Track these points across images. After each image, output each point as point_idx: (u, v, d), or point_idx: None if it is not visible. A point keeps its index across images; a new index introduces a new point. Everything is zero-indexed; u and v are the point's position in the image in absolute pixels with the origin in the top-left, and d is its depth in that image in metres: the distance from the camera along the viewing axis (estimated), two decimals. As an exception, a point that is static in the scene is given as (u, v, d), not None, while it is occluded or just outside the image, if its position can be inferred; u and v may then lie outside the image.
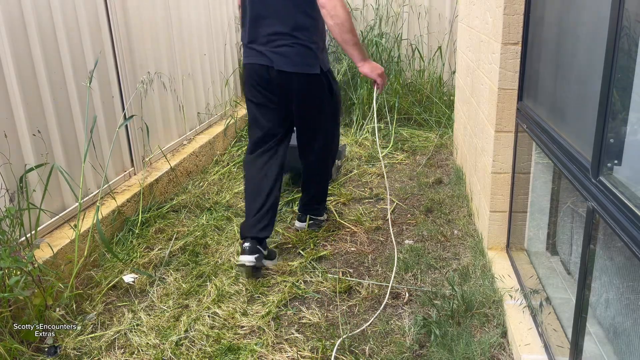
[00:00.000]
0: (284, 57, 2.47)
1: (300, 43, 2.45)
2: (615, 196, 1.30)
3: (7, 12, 2.30)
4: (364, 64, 2.55)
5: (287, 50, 2.46)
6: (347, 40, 2.42)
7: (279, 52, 2.47)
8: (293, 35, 2.45)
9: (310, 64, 2.49)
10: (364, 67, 2.56)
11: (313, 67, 2.50)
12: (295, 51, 2.46)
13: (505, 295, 2.18)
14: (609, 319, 1.72)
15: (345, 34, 2.39)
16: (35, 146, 2.45)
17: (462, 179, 3.52)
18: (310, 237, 2.93)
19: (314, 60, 2.50)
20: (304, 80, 2.51)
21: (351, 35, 2.40)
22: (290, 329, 2.18)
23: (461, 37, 3.84)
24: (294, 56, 2.46)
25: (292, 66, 2.47)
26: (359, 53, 2.50)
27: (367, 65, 2.56)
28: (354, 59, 2.53)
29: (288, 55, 2.46)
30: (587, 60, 1.60)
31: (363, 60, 2.54)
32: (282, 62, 2.47)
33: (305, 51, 2.47)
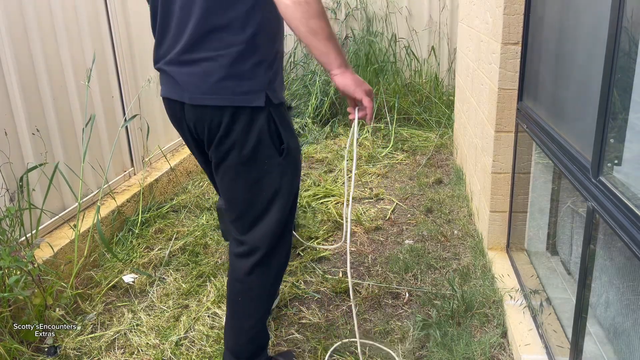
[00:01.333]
0: (197, 81, 1.48)
1: (226, 54, 1.45)
2: (615, 196, 1.30)
3: (7, 13, 2.30)
4: (344, 72, 1.45)
5: (203, 69, 1.47)
6: (315, 30, 1.37)
7: (192, 74, 1.49)
8: (215, 42, 1.45)
9: (245, 90, 1.47)
10: (346, 77, 1.46)
11: (251, 95, 1.48)
12: (216, 68, 1.46)
13: (505, 295, 2.18)
14: (609, 319, 1.72)
15: (313, 19, 1.35)
16: (35, 146, 2.45)
17: (462, 179, 3.52)
18: (310, 237, 2.93)
19: (253, 84, 1.48)
20: (231, 119, 1.49)
21: (322, 21, 1.37)
22: (290, 329, 2.18)
23: (461, 37, 3.84)
24: (213, 78, 1.46)
25: (210, 95, 1.48)
26: (335, 53, 1.42)
27: (349, 75, 1.46)
28: (327, 62, 1.44)
29: (204, 75, 1.47)
30: (587, 60, 1.60)
31: (345, 66, 1.45)
32: (195, 89, 1.49)
33: (236, 68, 1.46)
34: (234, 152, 1.53)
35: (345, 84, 1.46)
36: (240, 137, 1.51)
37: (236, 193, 1.61)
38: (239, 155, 1.54)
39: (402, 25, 5.30)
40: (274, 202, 1.61)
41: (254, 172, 1.57)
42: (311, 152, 4.30)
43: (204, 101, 1.48)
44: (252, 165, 1.55)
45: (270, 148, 1.55)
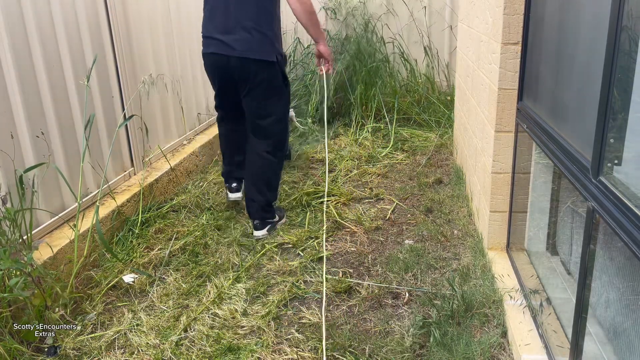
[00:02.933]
0: (243, 44, 2.72)
1: (258, 30, 2.72)
2: (615, 196, 1.30)
3: (7, 13, 2.30)
4: (323, 42, 2.98)
5: (246, 37, 2.72)
6: (312, 22, 2.82)
7: (239, 40, 2.72)
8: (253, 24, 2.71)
9: (269, 51, 2.75)
10: (324, 45, 2.98)
11: (269, 55, 2.75)
12: (254, 39, 2.71)
13: (505, 295, 2.18)
14: (609, 319, 1.72)
15: (311, 15, 2.80)
16: (35, 146, 2.45)
17: (462, 179, 3.52)
18: (310, 237, 2.93)
19: (272, 50, 2.76)
20: (260, 67, 2.76)
21: (315, 16, 2.83)
22: (290, 329, 2.18)
23: (461, 37, 3.84)
24: (253, 44, 2.72)
25: (251, 53, 2.73)
26: (321, 33, 2.92)
27: (324, 44, 2.99)
28: (316, 37, 2.91)
29: (248, 42, 2.71)
30: (587, 60, 1.60)
31: (323, 40, 2.98)
32: (241, 49, 2.72)
33: (262, 39, 2.73)
34: (264, 83, 2.81)
35: (324, 51, 3.03)
36: (267, 75, 2.81)
37: (266, 108, 2.89)
38: (267, 85, 2.82)
39: (400, 25, 5.30)
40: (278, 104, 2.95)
41: (274, 94, 2.88)
42: (311, 152, 4.30)
43: (247, 55, 2.73)
44: (273, 90, 2.86)
45: (280, 81, 2.87)
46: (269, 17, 2.71)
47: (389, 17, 5.31)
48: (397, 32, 5.31)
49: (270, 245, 2.84)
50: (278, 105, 2.90)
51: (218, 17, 2.73)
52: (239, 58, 2.70)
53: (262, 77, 2.75)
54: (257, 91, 2.80)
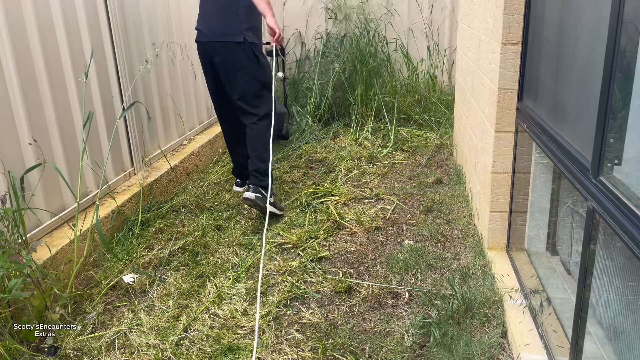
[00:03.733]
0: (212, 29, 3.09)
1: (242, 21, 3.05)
2: (615, 196, 1.30)
3: (7, 13, 2.30)
4: (272, 17, 3.05)
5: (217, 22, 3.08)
6: (264, 4, 3.02)
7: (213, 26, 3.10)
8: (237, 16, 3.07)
9: (234, 32, 3.03)
10: (273, 21, 3.05)
11: (237, 37, 3.02)
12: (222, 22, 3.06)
13: (505, 295, 2.18)
14: (609, 319, 1.72)
15: (263, 2, 3.02)
16: (35, 147, 2.45)
17: (462, 179, 3.52)
18: (310, 237, 2.93)
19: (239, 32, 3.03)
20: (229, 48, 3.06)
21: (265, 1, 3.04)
22: (290, 329, 2.18)
23: (461, 37, 3.84)
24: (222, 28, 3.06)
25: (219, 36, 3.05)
26: (270, 10, 3.05)
27: (274, 19, 3.06)
28: (264, 12, 3.03)
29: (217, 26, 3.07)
30: (587, 60, 1.60)
31: (272, 16, 3.05)
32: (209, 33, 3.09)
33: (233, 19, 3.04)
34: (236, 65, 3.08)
35: (272, 24, 3.07)
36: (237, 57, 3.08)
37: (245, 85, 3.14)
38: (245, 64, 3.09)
39: (398, 25, 5.30)
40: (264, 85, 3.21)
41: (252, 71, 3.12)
42: (311, 152, 4.30)
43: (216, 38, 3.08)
44: (246, 70, 3.10)
45: (253, 60, 3.11)
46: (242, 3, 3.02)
47: (390, 16, 5.30)
48: (398, 31, 5.30)
49: (270, 245, 2.84)
50: (254, 82, 3.12)
51: (204, 8, 3.16)
52: (211, 42, 3.07)
53: (231, 59, 3.05)
54: (231, 74, 3.09)
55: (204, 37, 3.11)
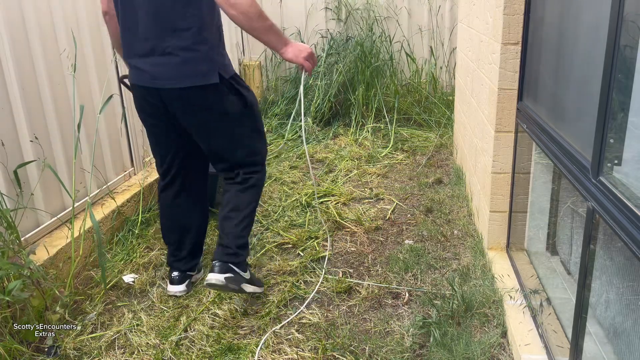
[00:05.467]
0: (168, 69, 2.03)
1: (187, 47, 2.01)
2: (615, 196, 1.30)
3: (7, 14, 2.30)
4: (287, 48, 2.07)
5: (170, 60, 2.02)
6: (259, 29, 1.95)
7: (161, 64, 2.03)
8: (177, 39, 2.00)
9: (204, 72, 2.05)
10: (287, 52, 2.08)
11: (209, 76, 2.05)
12: (182, 59, 2.01)
13: (505, 295, 2.18)
14: (609, 319, 1.72)
15: (255, 22, 1.91)
16: (34, 146, 2.45)
17: (462, 179, 3.52)
18: (310, 237, 2.93)
19: (210, 67, 2.05)
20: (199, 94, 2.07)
21: (261, 21, 1.93)
22: (290, 328, 2.18)
23: (461, 37, 3.84)
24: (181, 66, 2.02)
25: (182, 80, 2.04)
26: (276, 39, 2.03)
27: (291, 49, 2.08)
28: (273, 47, 2.06)
29: (173, 65, 2.02)
30: (587, 60, 1.60)
31: (284, 45, 2.06)
32: (166, 75, 2.04)
33: (196, 56, 2.02)
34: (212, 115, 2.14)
35: (290, 58, 2.09)
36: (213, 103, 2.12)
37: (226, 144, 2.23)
38: (228, 113, 2.15)
39: (401, 25, 5.30)
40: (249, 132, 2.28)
41: (238, 120, 2.19)
42: (311, 152, 4.30)
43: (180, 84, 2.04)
44: (228, 119, 2.17)
45: (237, 103, 2.16)
46: (198, 23, 2.00)
47: (395, 16, 5.30)
48: (402, 31, 5.30)
49: (270, 245, 2.84)
50: (242, 133, 2.23)
51: (132, 31, 2.05)
52: (167, 90, 2.06)
53: (206, 106, 2.10)
54: (203, 131, 2.18)
55: (147, 80, 2.07)
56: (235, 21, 1.90)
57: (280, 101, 5.21)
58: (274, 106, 5.20)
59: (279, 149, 3.10)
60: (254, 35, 1.97)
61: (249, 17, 1.88)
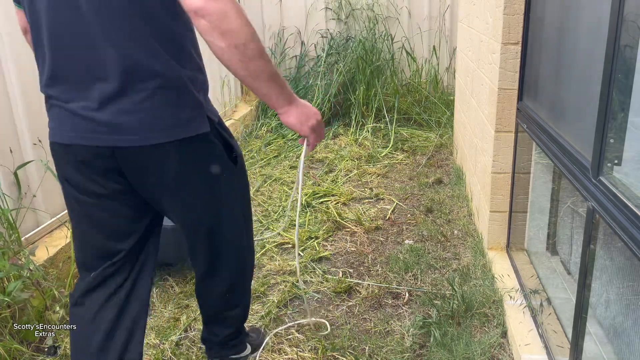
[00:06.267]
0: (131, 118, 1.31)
1: (161, 85, 1.31)
2: (615, 196, 1.30)
3: (8, 14, 2.30)
4: (290, 109, 1.42)
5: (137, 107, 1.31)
6: (257, 72, 1.28)
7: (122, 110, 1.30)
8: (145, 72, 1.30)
9: (189, 118, 1.37)
10: (290, 115, 1.42)
11: (195, 123, 1.39)
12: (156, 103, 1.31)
13: (505, 295, 2.18)
14: (609, 319, 1.72)
15: (253, 61, 1.24)
16: (35, 147, 2.45)
17: (462, 179, 3.52)
18: (310, 237, 2.93)
19: (194, 111, 1.38)
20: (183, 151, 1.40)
21: (262, 61, 1.27)
22: (290, 328, 2.18)
23: (461, 37, 3.84)
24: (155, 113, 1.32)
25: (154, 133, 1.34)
26: (278, 91, 1.36)
27: (295, 111, 1.42)
28: (272, 102, 1.38)
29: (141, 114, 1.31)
30: (587, 60, 1.61)
31: (288, 103, 1.40)
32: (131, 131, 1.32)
33: (174, 97, 1.34)
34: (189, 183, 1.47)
35: (291, 123, 1.45)
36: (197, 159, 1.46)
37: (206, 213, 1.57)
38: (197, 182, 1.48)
39: (401, 25, 5.30)
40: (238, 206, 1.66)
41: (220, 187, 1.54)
42: (311, 152, 4.30)
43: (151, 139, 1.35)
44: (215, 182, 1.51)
45: (226, 160, 1.51)
46: (173, 47, 1.33)
47: (397, 15, 5.30)
48: (404, 30, 5.30)
49: (270, 245, 2.84)
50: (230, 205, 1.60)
51: (69, 62, 1.31)
52: (130, 149, 1.35)
53: (187, 168, 1.43)
54: (183, 195, 1.48)
55: (93, 135, 1.34)
56: (224, 58, 1.22)
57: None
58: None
59: None
60: (248, 81, 1.29)
61: (246, 53, 1.22)
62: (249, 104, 5.24)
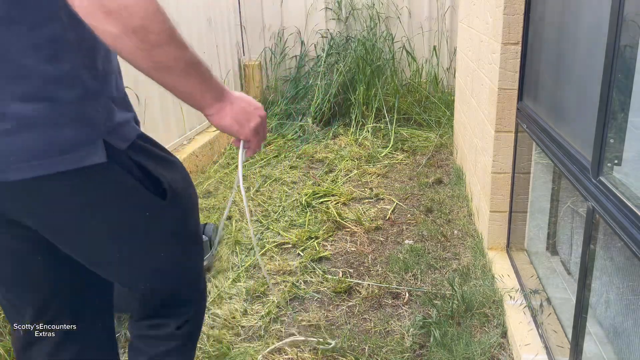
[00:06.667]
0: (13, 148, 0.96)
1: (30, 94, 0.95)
2: (615, 196, 1.30)
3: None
4: (222, 106, 1.07)
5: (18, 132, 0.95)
6: (166, 64, 0.94)
7: None
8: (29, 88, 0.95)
9: (72, 143, 0.98)
10: (224, 115, 1.08)
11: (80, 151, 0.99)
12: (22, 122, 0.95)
13: (505, 295, 2.18)
14: (609, 319, 1.72)
15: (157, 48, 0.91)
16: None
17: (462, 179, 3.52)
18: (310, 237, 2.93)
19: (80, 133, 0.99)
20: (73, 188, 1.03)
21: (173, 47, 0.93)
22: (290, 329, 2.18)
23: (461, 37, 3.84)
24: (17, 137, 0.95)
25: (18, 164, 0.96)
26: (204, 86, 1.02)
27: (229, 109, 1.08)
28: (196, 100, 1.04)
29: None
30: (587, 60, 1.60)
31: (218, 100, 1.06)
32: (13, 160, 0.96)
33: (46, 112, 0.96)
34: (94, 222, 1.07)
35: (225, 126, 1.07)
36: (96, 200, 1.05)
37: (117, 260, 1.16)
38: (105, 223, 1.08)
39: (402, 25, 5.30)
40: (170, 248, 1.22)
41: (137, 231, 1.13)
42: (311, 152, 4.30)
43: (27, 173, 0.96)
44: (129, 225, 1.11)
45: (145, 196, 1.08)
46: (61, 52, 0.97)
47: (398, 15, 5.30)
48: (404, 30, 5.30)
49: (270, 245, 2.84)
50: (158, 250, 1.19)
51: None
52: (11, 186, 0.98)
53: (73, 213, 1.05)
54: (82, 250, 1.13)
55: None
56: (116, 48, 0.89)
57: (280, 101, 5.21)
58: (273, 106, 5.20)
59: None
60: (155, 76, 0.95)
61: (147, 38, 0.88)
62: (249, 104, 5.22)
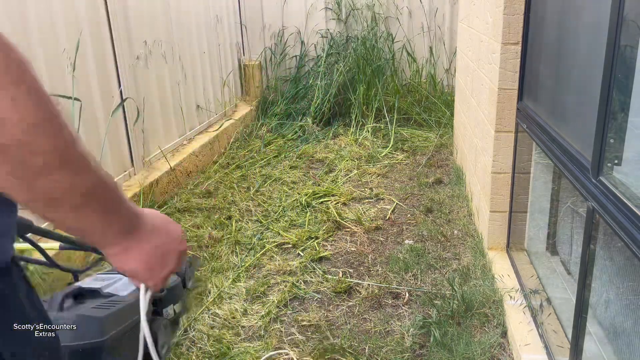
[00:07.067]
0: None
1: None
2: (615, 196, 1.30)
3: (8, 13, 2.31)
4: (128, 245, 0.73)
5: None
6: (53, 194, 0.60)
7: None
8: None
9: None
10: (129, 256, 0.74)
11: None
12: None
13: (505, 295, 2.18)
14: (609, 319, 1.72)
15: (41, 176, 0.57)
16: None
17: (462, 179, 3.52)
18: (310, 237, 2.93)
19: None
20: None
21: (67, 173, 0.60)
22: (290, 329, 2.18)
23: (461, 37, 3.84)
24: None
25: None
26: (104, 219, 0.68)
27: (138, 248, 0.74)
28: (94, 237, 0.71)
29: None
30: (587, 60, 1.60)
31: (124, 237, 0.72)
32: None
33: None
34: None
35: (129, 270, 0.76)
36: None
37: None
38: None
39: (402, 25, 5.30)
40: None
41: None
42: (311, 152, 4.30)
43: None
44: None
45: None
46: None
47: (398, 15, 5.30)
48: (405, 30, 5.30)
49: (270, 245, 2.84)
50: None
51: None
52: None
53: None
54: None
55: None
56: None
57: (280, 101, 5.21)
58: (273, 106, 5.20)
59: None
60: (39, 211, 0.64)
61: (26, 162, 0.56)
62: (248, 104, 5.24)
